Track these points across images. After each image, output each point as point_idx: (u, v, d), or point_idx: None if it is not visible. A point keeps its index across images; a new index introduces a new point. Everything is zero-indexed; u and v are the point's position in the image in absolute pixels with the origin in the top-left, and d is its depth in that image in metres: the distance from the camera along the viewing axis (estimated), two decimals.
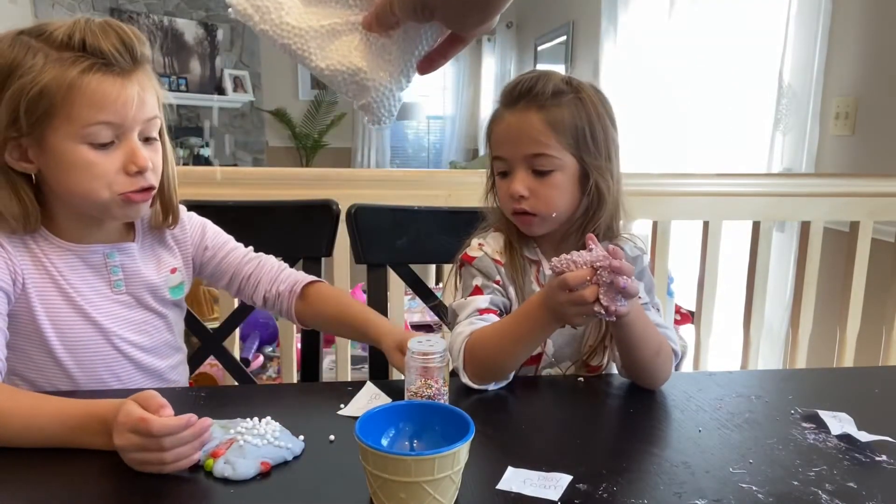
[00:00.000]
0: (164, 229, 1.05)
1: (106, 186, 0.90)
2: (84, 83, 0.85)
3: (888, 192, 1.88)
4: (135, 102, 0.88)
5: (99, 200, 0.91)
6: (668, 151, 3.46)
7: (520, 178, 1.00)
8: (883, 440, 0.80)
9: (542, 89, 0.98)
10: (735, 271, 2.08)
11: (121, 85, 0.88)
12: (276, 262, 1.15)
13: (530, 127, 0.99)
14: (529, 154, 0.99)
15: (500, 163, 1.03)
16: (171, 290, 1.06)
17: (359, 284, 2.88)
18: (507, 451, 0.76)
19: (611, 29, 4.00)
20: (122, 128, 0.89)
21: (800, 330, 1.96)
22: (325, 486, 0.70)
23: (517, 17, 6.88)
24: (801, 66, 2.34)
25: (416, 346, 0.82)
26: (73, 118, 0.86)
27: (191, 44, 6.54)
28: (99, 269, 0.98)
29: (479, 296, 1.02)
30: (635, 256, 1.09)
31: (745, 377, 1.05)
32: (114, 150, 0.90)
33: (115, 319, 0.99)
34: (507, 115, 1.01)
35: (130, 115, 0.89)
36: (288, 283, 1.11)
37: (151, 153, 0.93)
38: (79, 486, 0.69)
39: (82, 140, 0.87)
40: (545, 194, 1.00)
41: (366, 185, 1.79)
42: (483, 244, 1.07)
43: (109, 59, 0.87)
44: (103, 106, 0.87)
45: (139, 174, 0.91)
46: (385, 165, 7.86)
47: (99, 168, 0.89)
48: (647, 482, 0.71)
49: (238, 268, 1.12)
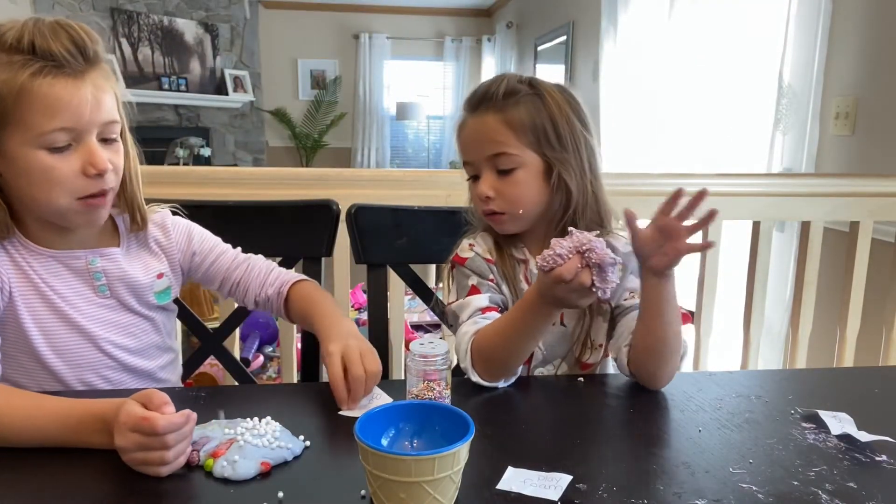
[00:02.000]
0: (146, 235, 1.05)
1: (66, 192, 0.88)
2: (35, 87, 0.83)
3: (888, 192, 1.88)
4: (90, 104, 0.86)
5: (58, 207, 0.90)
6: (669, 151, 3.46)
7: (485, 179, 1.03)
8: (883, 440, 0.80)
9: (496, 91, 1.01)
10: (735, 271, 2.08)
11: (73, 87, 0.85)
12: (264, 263, 1.14)
13: (488, 128, 1.02)
14: (490, 154, 1.02)
15: (468, 167, 1.06)
16: (157, 296, 1.05)
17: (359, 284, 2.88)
18: (507, 451, 0.76)
19: (611, 29, 4.00)
20: (78, 131, 0.87)
21: (800, 330, 1.96)
22: (325, 486, 0.70)
23: (517, 17, 6.88)
24: (801, 66, 2.34)
25: (417, 349, 0.81)
26: (28, 124, 0.85)
27: (191, 44, 6.54)
28: (82, 274, 0.98)
29: (478, 295, 1.03)
30: (628, 252, 1.09)
31: (745, 377, 1.05)
32: (71, 153, 0.88)
33: (100, 323, 0.98)
34: (469, 120, 1.04)
35: (86, 118, 0.87)
36: (276, 286, 1.10)
37: (111, 154, 0.91)
38: (78, 487, 0.69)
39: (39, 146, 0.86)
40: (510, 192, 1.02)
41: (366, 185, 1.79)
42: (474, 244, 1.08)
43: (60, 61, 0.85)
44: (57, 111, 0.85)
45: (98, 176, 0.89)
46: (385, 165, 7.86)
47: (57, 172, 0.87)
48: (647, 482, 0.71)
49: (227, 273, 1.11)
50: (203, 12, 6.62)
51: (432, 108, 7.97)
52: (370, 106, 7.82)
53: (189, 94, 6.50)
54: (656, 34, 3.53)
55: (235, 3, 6.78)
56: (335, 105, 7.72)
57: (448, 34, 7.93)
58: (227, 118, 6.94)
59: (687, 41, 3.29)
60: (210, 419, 0.79)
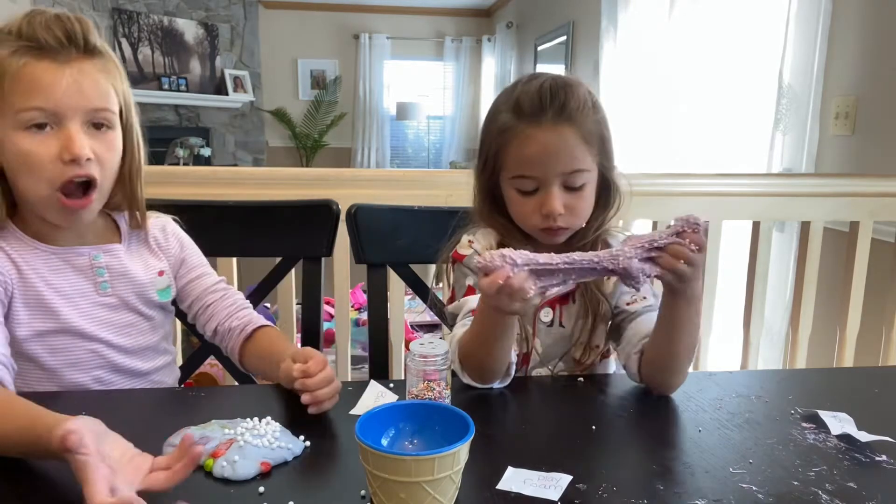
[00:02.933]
0: (147, 233, 1.05)
1: (44, 179, 0.88)
2: (13, 66, 0.85)
3: (888, 192, 1.88)
4: (69, 87, 0.87)
5: (39, 197, 0.90)
6: (668, 151, 3.46)
7: (555, 195, 0.97)
8: (883, 440, 0.80)
9: (575, 101, 0.96)
10: (735, 271, 2.08)
11: (54, 69, 0.86)
12: (240, 299, 1.11)
13: (566, 143, 0.96)
14: (567, 171, 0.97)
15: (527, 181, 0.98)
16: (160, 293, 1.05)
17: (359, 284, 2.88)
18: (507, 451, 0.76)
19: (611, 29, 4.00)
20: (55, 113, 0.87)
21: (800, 330, 1.96)
22: (325, 486, 0.70)
23: (517, 17, 6.88)
24: (801, 66, 2.34)
25: (417, 349, 0.81)
26: (8, 104, 0.86)
27: (191, 44, 6.54)
28: (84, 271, 0.97)
29: (473, 296, 1.02)
30: None
31: (745, 377, 1.05)
32: (50, 137, 0.88)
33: (97, 322, 0.98)
34: (538, 132, 0.96)
35: (65, 102, 0.86)
36: (242, 322, 1.07)
37: (97, 144, 0.90)
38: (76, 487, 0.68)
39: (17, 127, 0.87)
40: (579, 207, 1.00)
41: (366, 185, 1.79)
42: (473, 241, 1.06)
43: (43, 45, 0.86)
44: (33, 90, 0.85)
45: (73, 163, 0.88)
46: (385, 165, 7.86)
47: (34, 157, 0.87)
48: (647, 482, 0.71)
49: (202, 294, 1.09)
50: (203, 12, 6.62)
51: (432, 108, 7.97)
52: (370, 106, 7.82)
53: (189, 94, 6.50)
54: (656, 34, 3.53)
55: (235, 3, 6.78)
56: (335, 105, 7.72)
57: (448, 34, 7.93)
58: (227, 118, 6.94)
59: (687, 41, 3.29)
60: (210, 419, 0.79)
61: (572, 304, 1.06)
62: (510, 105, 0.99)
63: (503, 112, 1.00)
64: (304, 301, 1.27)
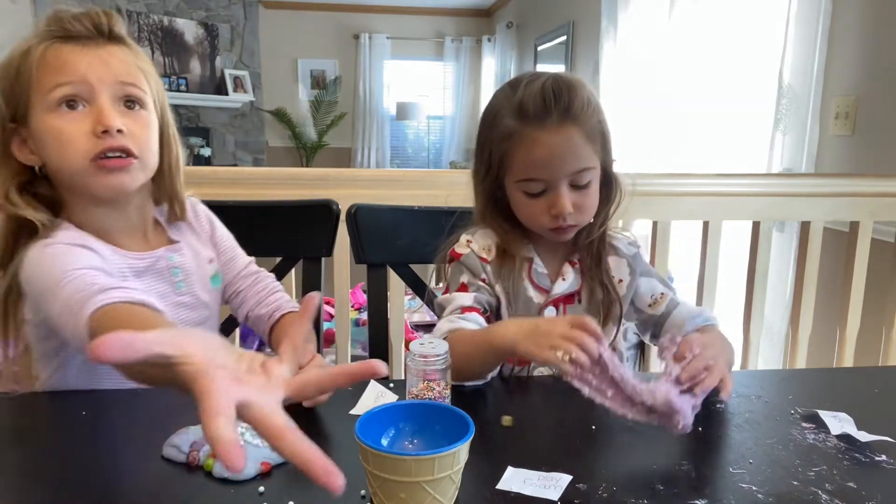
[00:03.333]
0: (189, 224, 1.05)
1: (77, 153, 0.88)
2: (42, 52, 0.87)
3: (888, 192, 1.88)
4: (97, 64, 0.88)
5: (73, 169, 0.89)
6: (668, 151, 3.46)
7: (565, 194, 0.98)
8: (883, 440, 0.80)
9: (571, 101, 0.96)
10: (735, 271, 2.08)
11: (81, 50, 0.88)
12: (271, 282, 1.11)
13: (573, 144, 0.97)
14: (574, 171, 0.98)
15: (535, 184, 0.99)
16: (212, 280, 1.06)
17: (359, 284, 2.88)
18: (507, 451, 0.76)
19: (611, 29, 4.00)
20: (87, 90, 0.88)
21: (800, 330, 1.96)
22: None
23: (517, 17, 6.88)
24: (801, 66, 2.34)
25: (417, 349, 0.81)
26: (40, 88, 0.87)
27: (191, 44, 6.54)
28: (164, 274, 0.98)
29: (464, 293, 1.03)
30: (633, 254, 1.11)
31: (745, 377, 1.05)
32: (83, 115, 0.88)
33: (179, 323, 0.97)
34: (543, 135, 0.96)
35: (92, 75, 0.87)
36: (270, 309, 1.07)
37: (128, 120, 0.90)
38: (76, 487, 0.69)
39: (51, 109, 0.87)
40: (586, 204, 1.01)
41: (366, 185, 1.79)
42: (471, 241, 1.07)
43: (71, 33, 0.88)
44: (61, 69, 0.87)
45: (106, 133, 0.88)
46: (385, 165, 7.86)
47: (67, 134, 0.88)
48: (647, 482, 0.71)
49: (233, 279, 1.10)
50: (203, 12, 6.62)
51: (432, 108, 7.97)
52: (370, 106, 7.82)
53: (189, 94, 6.50)
54: (656, 34, 3.53)
55: (235, 3, 6.78)
56: (335, 105, 7.72)
57: (448, 34, 7.93)
58: (227, 118, 6.94)
59: (687, 41, 3.29)
60: None
61: (577, 305, 1.07)
62: (513, 108, 0.98)
63: (506, 116, 0.99)
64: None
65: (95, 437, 0.79)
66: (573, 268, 1.07)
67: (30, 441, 0.78)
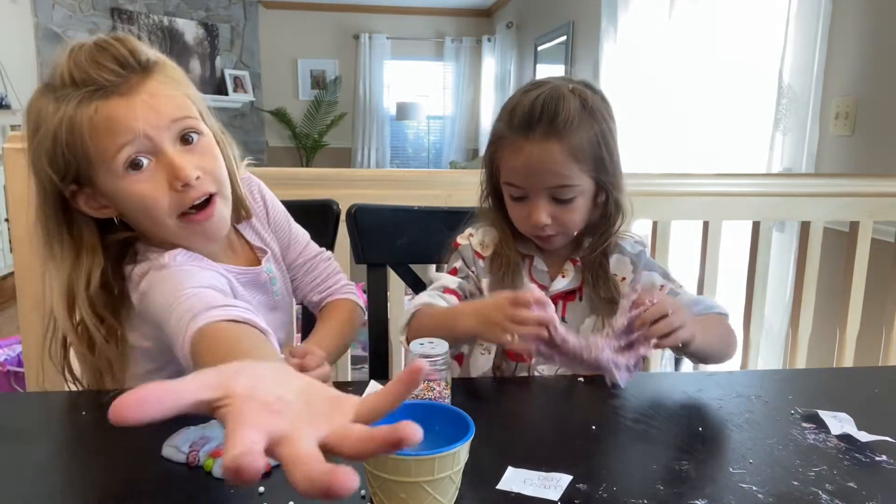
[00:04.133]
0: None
1: (164, 213, 0.85)
2: (87, 117, 0.81)
3: (888, 192, 1.88)
4: (145, 111, 0.82)
5: (168, 232, 0.87)
6: (668, 151, 3.46)
7: (541, 206, 0.99)
8: (883, 440, 0.80)
9: (563, 117, 0.95)
10: (735, 271, 2.08)
11: (125, 102, 0.82)
12: (326, 266, 1.14)
13: (552, 160, 0.96)
14: (552, 185, 0.98)
15: (514, 189, 1.01)
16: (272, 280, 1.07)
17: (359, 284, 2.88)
18: (507, 451, 0.76)
19: (611, 29, 4.00)
20: (148, 144, 0.83)
21: (800, 330, 1.96)
22: None
23: (517, 17, 6.88)
24: (801, 66, 2.34)
25: (417, 349, 0.81)
26: (101, 156, 0.82)
27: (191, 44, 6.54)
28: (265, 286, 1.01)
29: (453, 276, 1.09)
30: (637, 252, 1.12)
31: (745, 377, 1.05)
32: (155, 171, 0.84)
33: (275, 328, 0.96)
34: (526, 145, 0.97)
35: (145, 125, 0.82)
36: (322, 296, 1.10)
37: (196, 157, 0.87)
38: (77, 487, 0.69)
39: (120, 174, 0.83)
40: (567, 219, 1.01)
41: (366, 185, 1.78)
42: (473, 234, 1.12)
43: (104, 84, 0.81)
44: (114, 131, 0.81)
45: (187, 187, 0.85)
46: (385, 165, 7.86)
47: (148, 198, 0.84)
48: (647, 482, 0.71)
49: (291, 264, 1.11)
50: (203, 12, 6.62)
51: (432, 108, 7.97)
52: (370, 106, 7.82)
53: None
54: (656, 34, 3.53)
55: (235, 3, 6.78)
56: (335, 105, 7.72)
57: (448, 34, 7.93)
58: (227, 118, 6.94)
59: (687, 41, 3.29)
60: (210, 419, 0.79)
61: (578, 302, 1.08)
62: (507, 112, 1.01)
63: (502, 118, 1.02)
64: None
65: (95, 437, 0.79)
66: (574, 266, 1.09)
67: (30, 441, 0.78)
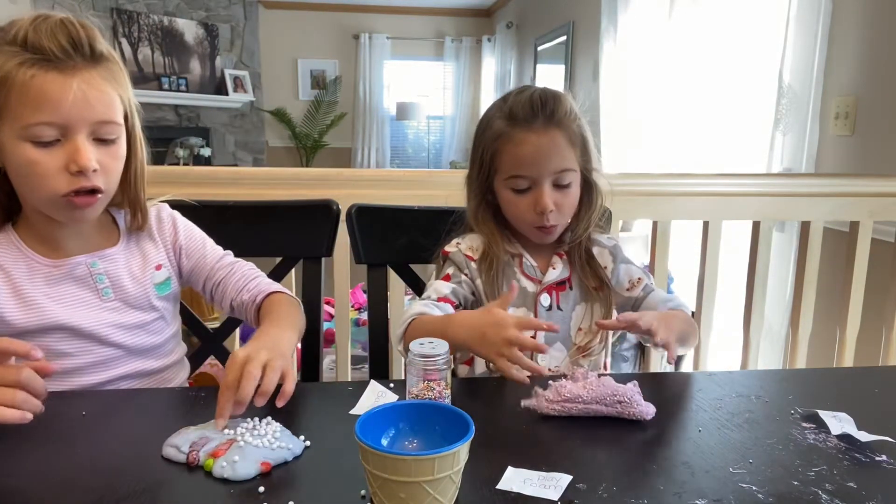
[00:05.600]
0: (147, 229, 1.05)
1: (48, 186, 0.88)
2: (20, 78, 0.84)
3: (888, 192, 1.88)
4: (77, 101, 0.85)
5: (43, 199, 0.90)
6: (668, 151, 3.46)
7: (547, 193, 1.08)
8: (883, 440, 0.80)
9: (561, 109, 1.08)
10: (735, 271, 2.08)
11: (61, 82, 0.85)
12: (249, 269, 1.11)
13: (556, 145, 1.08)
14: (557, 170, 1.08)
15: (521, 180, 1.09)
16: (157, 287, 1.05)
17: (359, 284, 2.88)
18: (507, 451, 0.76)
19: (611, 29, 4.00)
20: (64, 126, 0.86)
21: (800, 330, 1.96)
22: (325, 486, 0.70)
23: (517, 17, 6.88)
24: (801, 66, 2.34)
25: (417, 349, 0.81)
26: (15, 115, 0.85)
27: (191, 44, 6.54)
28: (85, 280, 0.98)
29: (445, 282, 1.13)
30: (613, 245, 1.22)
31: (745, 377, 1.05)
32: (58, 148, 0.88)
33: (106, 326, 0.98)
34: (531, 135, 1.07)
35: (72, 114, 0.86)
36: (252, 293, 1.06)
37: (103, 155, 0.91)
38: (74, 486, 0.69)
39: (25, 138, 0.86)
40: (566, 204, 1.11)
41: (366, 185, 1.79)
42: (460, 242, 1.17)
43: (49, 56, 0.85)
44: (41, 104, 0.84)
45: (80, 174, 0.88)
46: (385, 165, 7.87)
47: (41, 167, 0.87)
48: (647, 482, 0.71)
49: (210, 272, 1.09)
50: (203, 12, 6.62)
51: (432, 108, 7.97)
52: (370, 106, 7.82)
53: (189, 94, 6.50)
54: (656, 34, 3.53)
55: (235, 3, 6.78)
56: (335, 105, 7.72)
57: (448, 34, 7.93)
58: (227, 118, 6.95)
59: (687, 41, 3.29)
60: (210, 419, 0.79)
61: (569, 291, 1.16)
62: (504, 113, 1.10)
63: (496, 120, 1.11)
64: (304, 301, 1.27)
65: (95, 437, 0.79)
66: (561, 259, 1.17)
67: (30, 441, 0.78)
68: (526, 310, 1.14)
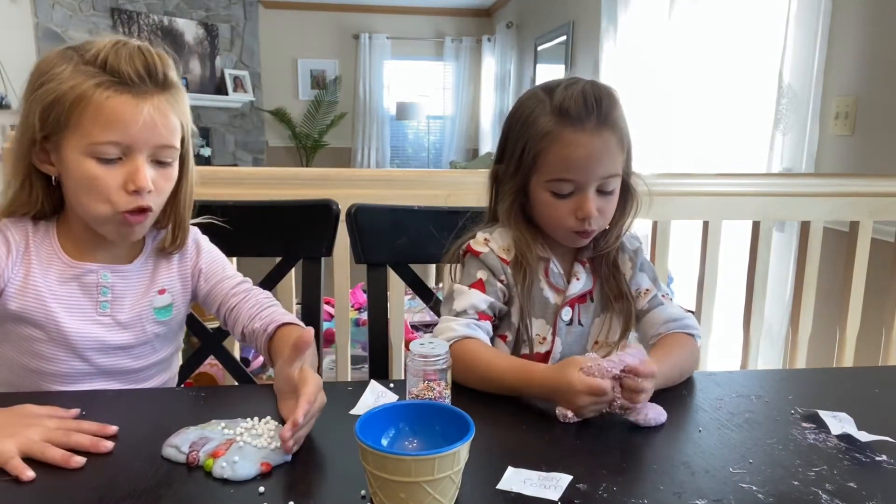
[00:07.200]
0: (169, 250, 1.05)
1: (105, 201, 0.91)
2: (95, 97, 0.87)
3: (888, 192, 1.88)
4: (145, 123, 0.89)
5: (97, 215, 0.92)
6: (669, 151, 3.46)
7: (591, 198, 1.00)
8: (883, 440, 0.80)
9: (617, 111, 0.99)
10: (735, 271, 2.08)
11: (133, 105, 0.89)
12: (264, 297, 1.09)
13: (609, 148, 0.99)
14: (605, 175, 1.00)
15: (566, 185, 1.00)
16: (157, 312, 1.04)
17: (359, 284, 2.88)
18: (507, 451, 0.76)
19: (611, 29, 4.00)
20: (130, 147, 0.90)
21: (800, 330, 1.96)
22: (325, 486, 0.70)
23: (517, 17, 6.88)
24: (801, 66, 2.34)
25: (417, 349, 0.81)
26: (83, 132, 0.88)
27: (191, 44, 6.54)
28: (89, 289, 0.98)
29: (481, 293, 1.03)
30: (635, 249, 1.12)
31: (745, 377, 1.05)
32: (118, 166, 0.91)
33: (90, 341, 0.98)
34: (583, 137, 0.97)
35: (139, 137, 0.89)
36: (264, 322, 1.04)
37: (158, 177, 0.94)
38: (75, 488, 0.69)
39: (89, 154, 0.89)
40: (608, 210, 1.03)
41: (366, 185, 1.79)
42: (489, 240, 1.06)
43: (125, 80, 0.88)
44: (112, 124, 0.88)
45: (136, 193, 0.91)
46: (385, 165, 7.87)
47: (100, 182, 0.90)
48: (647, 482, 0.71)
49: (225, 298, 1.08)
50: (203, 12, 6.62)
51: (432, 108, 7.97)
52: (370, 106, 7.82)
53: (189, 94, 6.46)
54: (656, 34, 3.53)
55: (235, 3, 6.78)
56: (335, 105, 7.72)
57: (448, 34, 7.93)
58: (227, 118, 6.94)
59: (687, 41, 3.29)
60: (210, 419, 0.79)
61: (590, 303, 1.09)
62: (552, 109, 0.99)
63: (542, 115, 0.99)
64: (303, 301, 1.27)
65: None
66: (584, 267, 1.09)
67: None
68: (545, 322, 1.07)
